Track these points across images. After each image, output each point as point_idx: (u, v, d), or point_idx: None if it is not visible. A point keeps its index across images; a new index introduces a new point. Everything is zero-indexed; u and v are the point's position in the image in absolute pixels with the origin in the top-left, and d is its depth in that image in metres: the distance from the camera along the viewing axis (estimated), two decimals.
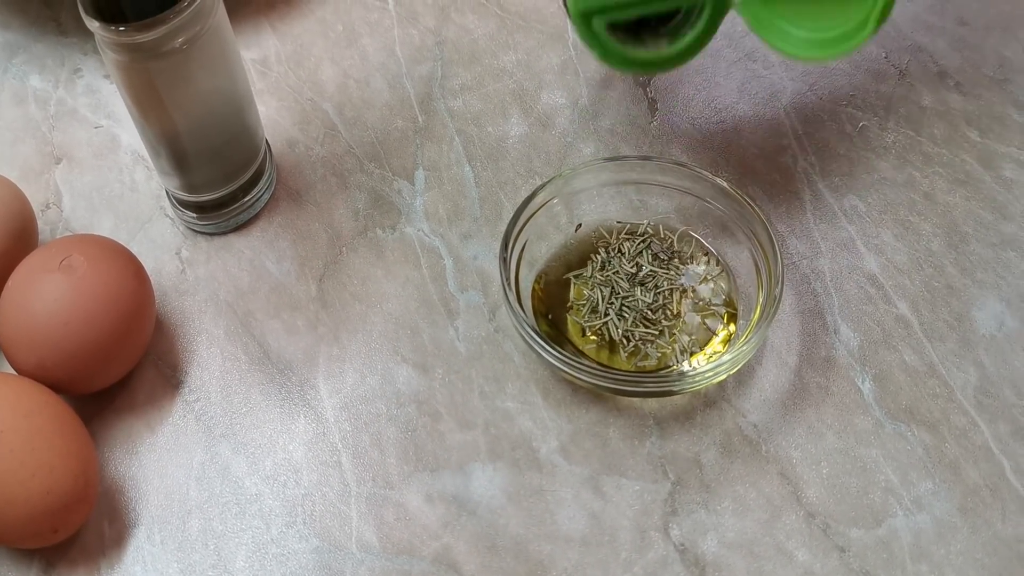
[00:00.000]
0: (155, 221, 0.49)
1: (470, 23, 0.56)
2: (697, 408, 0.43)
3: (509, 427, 0.43)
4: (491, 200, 0.49)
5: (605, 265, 0.45)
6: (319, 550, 0.40)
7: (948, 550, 0.40)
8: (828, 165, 0.50)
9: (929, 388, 0.43)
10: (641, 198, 0.47)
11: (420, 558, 0.40)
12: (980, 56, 0.53)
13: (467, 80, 0.53)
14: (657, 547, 0.40)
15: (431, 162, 0.50)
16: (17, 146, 0.52)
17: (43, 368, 0.41)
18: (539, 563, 0.40)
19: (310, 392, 0.44)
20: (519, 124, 0.52)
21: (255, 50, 0.55)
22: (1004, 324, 0.45)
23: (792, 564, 0.39)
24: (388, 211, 0.49)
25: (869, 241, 0.47)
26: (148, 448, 0.43)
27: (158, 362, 0.45)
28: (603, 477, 0.41)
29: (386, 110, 0.52)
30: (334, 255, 0.48)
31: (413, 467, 0.42)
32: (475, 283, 0.47)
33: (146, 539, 0.41)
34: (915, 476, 0.41)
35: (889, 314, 0.45)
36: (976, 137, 0.50)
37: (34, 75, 0.54)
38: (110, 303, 0.41)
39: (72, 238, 0.44)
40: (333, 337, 0.45)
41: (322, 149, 0.51)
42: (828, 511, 0.40)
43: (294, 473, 0.42)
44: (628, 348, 0.43)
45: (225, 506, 0.41)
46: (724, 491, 0.41)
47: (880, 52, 0.54)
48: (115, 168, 0.51)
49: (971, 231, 0.47)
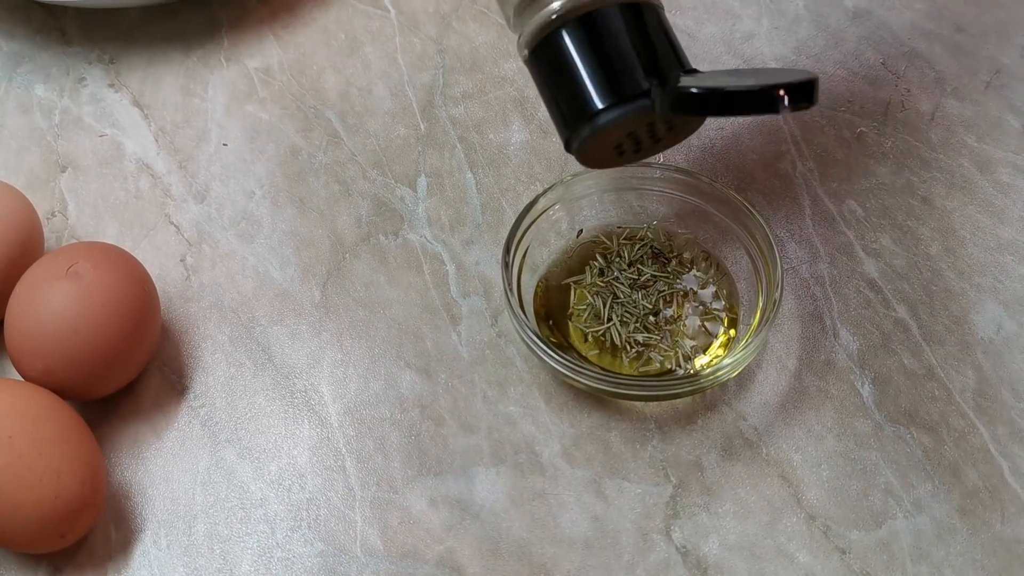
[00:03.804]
0: (160, 229, 0.49)
1: (471, 31, 0.56)
2: (698, 411, 0.43)
3: (512, 431, 0.43)
4: (493, 206, 0.50)
5: (604, 271, 0.46)
6: (324, 554, 0.41)
7: (948, 551, 0.40)
8: (827, 170, 0.50)
9: (928, 391, 0.43)
10: (642, 204, 0.47)
11: (424, 561, 0.40)
12: (977, 62, 0.54)
13: (468, 88, 0.54)
14: (659, 549, 0.40)
15: (433, 169, 0.51)
16: (22, 155, 0.52)
17: (50, 374, 0.41)
18: (542, 566, 0.40)
19: (314, 397, 0.44)
20: (520, 131, 0.52)
21: (258, 59, 0.55)
22: (1002, 327, 0.45)
23: (793, 566, 0.40)
24: (391, 218, 0.49)
25: (868, 246, 0.47)
26: (154, 453, 0.43)
27: (164, 368, 0.45)
28: (605, 480, 0.42)
29: (388, 118, 0.53)
30: (337, 261, 0.48)
31: (417, 471, 0.42)
32: (477, 288, 0.47)
33: (152, 543, 0.41)
34: (915, 478, 0.41)
35: (888, 318, 0.45)
36: (973, 142, 0.51)
37: (39, 84, 0.55)
38: (116, 310, 0.42)
39: (78, 245, 0.44)
40: (337, 343, 0.46)
41: (325, 156, 0.52)
42: (828, 513, 0.41)
43: (299, 478, 0.42)
44: (631, 353, 0.44)
45: (230, 511, 0.42)
46: (725, 494, 0.41)
47: (878, 58, 0.54)
48: (120, 176, 0.51)
49: (969, 235, 0.48)
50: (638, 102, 0.36)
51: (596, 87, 0.36)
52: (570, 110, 0.37)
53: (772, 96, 0.32)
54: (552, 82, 0.38)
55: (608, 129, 0.36)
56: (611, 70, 0.36)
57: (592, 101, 0.36)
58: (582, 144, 0.37)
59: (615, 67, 0.36)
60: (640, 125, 0.37)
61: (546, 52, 0.37)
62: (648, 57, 0.36)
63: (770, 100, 0.32)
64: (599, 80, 0.36)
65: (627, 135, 0.38)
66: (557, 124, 0.38)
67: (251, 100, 0.54)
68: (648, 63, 0.36)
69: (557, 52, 0.37)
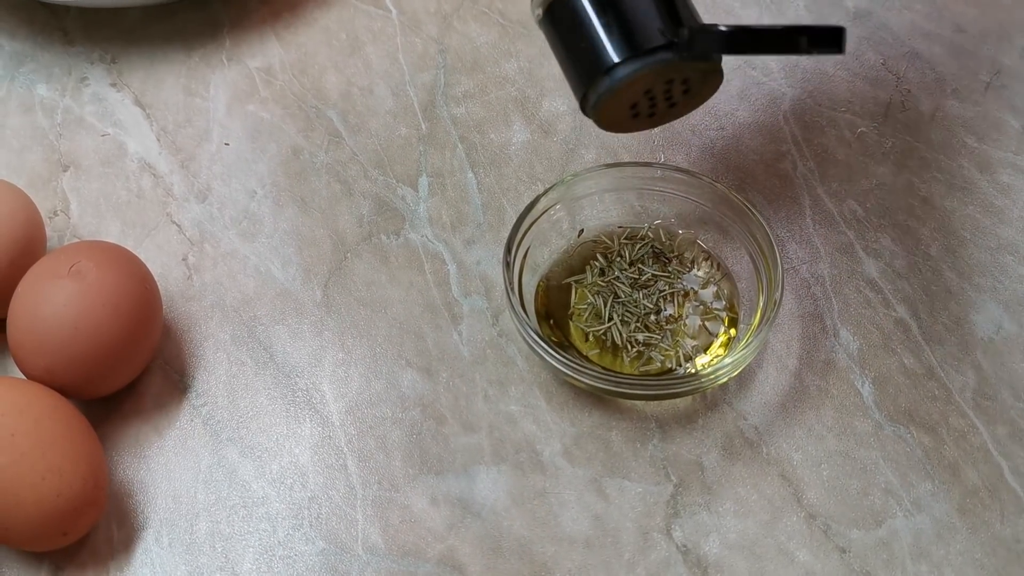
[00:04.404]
0: (162, 228, 0.50)
1: (472, 31, 0.56)
2: (699, 411, 0.43)
3: (513, 430, 0.43)
4: (494, 206, 0.50)
5: (605, 270, 0.46)
6: (325, 552, 0.41)
7: (947, 550, 0.40)
8: (827, 171, 0.50)
9: (928, 391, 0.44)
10: (642, 204, 0.47)
11: (425, 560, 0.40)
12: (977, 63, 0.54)
13: (470, 88, 0.54)
14: (660, 548, 0.40)
15: (434, 169, 0.51)
16: (25, 154, 0.52)
17: (52, 373, 0.41)
18: (543, 564, 0.40)
19: (316, 396, 0.44)
20: (521, 131, 0.52)
21: (260, 58, 0.55)
22: (1002, 327, 0.45)
23: (793, 565, 0.40)
24: (392, 217, 0.49)
25: (868, 246, 0.48)
26: (156, 452, 0.43)
27: (165, 367, 0.45)
28: (606, 479, 0.42)
29: (390, 117, 0.53)
30: (339, 261, 0.48)
31: (418, 470, 0.42)
32: (478, 288, 0.47)
33: (154, 542, 0.41)
34: (914, 477, 0.42)
35: (888, 318, 0.46)
36: (973, 143, 0.51)
37: (41, 84, 0.55)
38: (118, 309, 0.42)
39: (80, 245, 0.44)
40: (338, 342, 0.46)
41: (326, 156, 0.52)
42: (828, 512, 0.41)
43: (300, 476, 0.42)
44: (631, 353, 0.44)
45: (232, 509, 0.42)
46: (726, 493, 0.41)
47: (878, 59, 0.54)
48: (122, 175, 0.51)
49: (969, 236, 0.48)
50: (657, 55, 0.35)
51: (613, 41, 0.36)
52: (586, 66, 0.37)
53: (797, 38, 0.32)
54: (567, 40, 0.37)
55: (626, 84, 0.36)
56: (628, 24, 0.36)
57: (609, 55, 0.36)
58: (599, 99, 0.37)
59: (632, 21, 0.36)
60: (658, 83, 0.37)
61: (561, 9, 0.37)
62: (666, 11, 0.36)
63: (795, 41, 0.33)
64: (616, 34, 0.36)
65: (644, 94, 0.38)
66: (572, 82, 0.38)
67: (253, 100, 0.54)
68: (666, 17, 0.36)
69: (573, 9, 0.37)
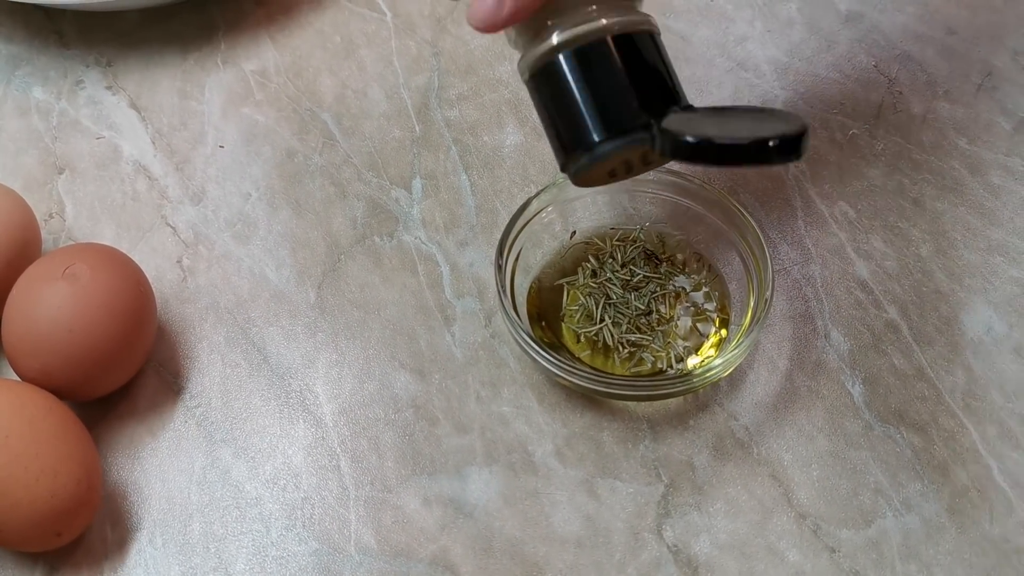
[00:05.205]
0: (156, 230, 0.50)
1: (466, 34, 0.56)
2: (690, 411, 0.44)
3: (505, 431, 0.43)
4: (487, 208, 0.50)
5: (597, 272, 0.46)
6: (318, 552, 0.41)
7: (937, 550, 0.40)
8: (819, 172, 0.50)
9: (918, 391, 0.44)
10: (634, 206, 0.48)
11: (418, 560, 0.41)
12: (968, 65, 0.54)
13: (463, 90, 0.54)
14: (651, 548, 0.41)
15: (428, 171, 0.51)
16: (20, 157, 0.53)
17: (47, 374, 0.41)
18: (535, 564, 0.40)
19: (309, 397, 0.45)
20: (514, 133, 0.52)
21: (254, 61, 0.56)
22: (992, 328, 0.45)
23: (783, 564, 0.40)
24: (386, 219, 0.50)
25: (859, 247, 0.48)
26: (150, 453, 0.43)
27: (160, 369, 0.46)
28: (597, 480, 0.42)
29: (383, 120, 0.53)
30: (332, 263, 0.48)
31: (411, 471, 0.43)
32: (471, 290, 0.47)
33: (148, 542, 0.41)
34: (904, 477, 0.42)
35: (879, 319, 0.46)
36: (964, 144, 0.51)
37: (37, 87, 0.55)
38: (113, 311, 0.42)
39: (75, 247, 0.44)
40: (332, 343, 0.46)
41: (320, 158, 0.52)
42: (819, 512, 0.41)
43: (293, 477, 0.43)
44: (623, 354, 0.44)
45: (226, 510, 0.42)
46: (716, 493, 0.42)
47: (870, 61, 0.54)
48: (117, 178, 0.52)
49: (959, 237, 0.48)
50: (634, 135, 0.36)
51: (594, 118, 0.37)
52: (568, 138, 0.38)
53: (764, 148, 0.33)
54: (551, 108, 0.38)
55: (604, 158, 0.37)
56: (609, 102, 0.37)
57: (590, 132, 0.37)
58: (578, 170, 0.38)
59: (613, 99, 0.37)
60: (634, 153, 0.38)
61: (546, 79, 0.38)
62: (645, 90, 0.37)
63: (761, 153, 0.33)
64: (597, 111, 0.37)
65: (621, 161, 0.39)
66: (554, 148, 0.39)
67: (247, 103, 0.54)
68: (645, 97, 0.37)
69: (556, 80, 0.37)
